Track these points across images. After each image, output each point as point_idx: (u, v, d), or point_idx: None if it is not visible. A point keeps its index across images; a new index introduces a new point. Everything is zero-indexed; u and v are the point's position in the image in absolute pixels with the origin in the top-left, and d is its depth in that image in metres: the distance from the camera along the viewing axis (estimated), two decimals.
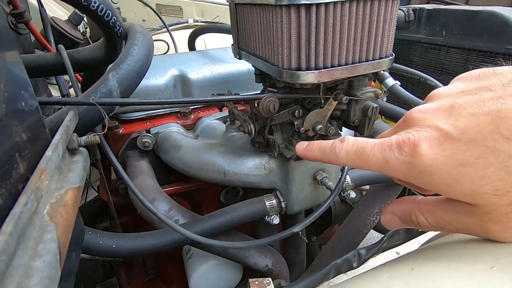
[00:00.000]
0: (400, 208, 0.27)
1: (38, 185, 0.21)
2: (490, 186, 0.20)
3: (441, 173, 0.21)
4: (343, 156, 0.27)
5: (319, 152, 0.30)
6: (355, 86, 0.45)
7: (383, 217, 0.28)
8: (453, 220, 0.23)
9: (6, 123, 0.21)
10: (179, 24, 1.59)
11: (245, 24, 0.46)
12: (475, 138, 0.20)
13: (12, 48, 0.24)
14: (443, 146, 0.21)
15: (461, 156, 0.20)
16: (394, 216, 0.27)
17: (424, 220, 0.25)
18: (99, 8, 0.42)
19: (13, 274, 0.17)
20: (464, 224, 0.23)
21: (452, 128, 0.21)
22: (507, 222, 0.21)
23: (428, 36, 0.94)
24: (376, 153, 0.24)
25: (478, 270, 0.21)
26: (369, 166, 0.25)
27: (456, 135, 0.21)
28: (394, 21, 0.39)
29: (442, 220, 0.24)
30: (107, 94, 0.38)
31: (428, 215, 0.25)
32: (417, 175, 0.22)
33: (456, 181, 0.21)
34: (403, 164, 0.23)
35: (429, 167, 0.21)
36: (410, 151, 0.22)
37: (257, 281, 0.32)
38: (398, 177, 0.25)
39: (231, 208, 0.51)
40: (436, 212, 0.24)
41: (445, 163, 0.21)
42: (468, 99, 0.22)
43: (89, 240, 0.42)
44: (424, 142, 0.22)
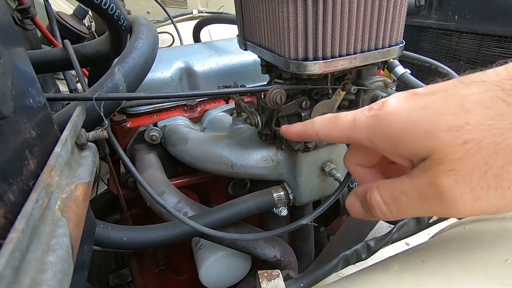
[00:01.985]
0: (362, 188, 0.26)
1: (48, 181, 0.21)
2: (444, 123, 0.19)
3: (399, 118, 0.21)
4: (318, 123, 0.27)
5: (299, 126, 0.30)
6: (364, 76, 0.44)
7: (347, 199, 0.27)
8: (406, 186, 0.22)
9: (15, 120, 0.21)
10: (184, 15, 1.57)
11: (250, 14, 0.45)
12: (439, 90, 0.21)
13: (18, 45, 0.24)
14: (409, 99, 0.22)
15: (422, 101, 0.21)
16: (356, 198, 0.26)
17: (377, 197, 0.23)
18: (103, 1, 0.41)
19: (27, 269, 0.17)
20: (418, 187, 0.21)
21: (422, 89, 0.22)
22: (459, 170, 0.19)
23: (440, 22, 0.91)
24: (348, 115, 0.25)
25: (492, 263, 0.21)
26: (338, 128, 0.25)
27: (423, 91, 0.22)
28: (405, 6, 0.37)
29: (396, 189, 0.22)
30: (114, 89, 0.38)
31: (382, 188, 0.23)
32: (377, 126, 0.22)
33: (412, 123, 0.20)
34: (368, 118, 0.23)
35: (390, 115, 0.22)
36: (378, 107, 0.23)
37: (266, 273, 0.33)
38: (361, 138, 0.24)
39: (239, 200, 0.52)
40: (392, 183, 0.23)
41: (406, 109, 0.21)
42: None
43: (100, 233, 0.43)
44: (392, 98, 0.23)
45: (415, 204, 0.21)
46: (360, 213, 0.26)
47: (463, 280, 0.20)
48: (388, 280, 0.24)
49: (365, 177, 0.28)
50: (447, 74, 0.72)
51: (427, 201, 0.21)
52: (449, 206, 0.20)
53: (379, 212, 0.23)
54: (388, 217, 0.23)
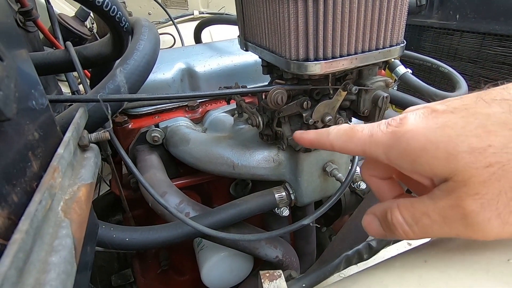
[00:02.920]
0: (381, 207, 0.25)
1: (51, 182, 0.21)
2: (466, 144, 0.19)
3: (418, 136, 0.21)
4: (333, 134, 0.26)
5: (313, 134, 0.30)
6: (365, 76, 0.44)
7: (364, 218, 0.26)
8: (429, 207, 0.21)
9: (18, 122, 0.21)
10: (185, 16, 1.58)
11: (251, 15, 0.45)
12: (459, 108, 0.20)
13: (21, 47, 0.24)
14: (428, 117, 0.21)
15: (442, 120, 0.20)
16: (375, 217, 0.25)
17: (399, 217, 0.23)
18: (105, 3, 0.41)
19: (30, 270, 0.17)
20: (441, 210, 0.20)
21: (441, 105, 0.22)
22: (485, 194, 0.18)
23: (441, 21, 0.90)
24: (364, 129, 0.24)
25: (494, 263, 0.21)
26: (354, 142, 0.24)
27: (442, 109, 0.21)
28: (406, 6, 0.37)
29: (418, 211, 0.22)
30: (115, 90, 0.38)
31: (404, 209, 0.23)
32: (395, 143, 0.22)
33: (431, 143, 0.20)
34: (386, 135, 0.22)
35: (408, 132, 0.21)
36: (396, 123, 0.22)
37: (268, 273, 0.33)
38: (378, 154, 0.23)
39: (240, 200, 0.52)
40: (413, 204, 0.22)
41: (424, 127, 0.21)
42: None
43: (103, 234, 0.43)
44: (411, 115, 0.22)
45: (438, 226, 0.21)
46: (379, 233, 0.25)
47: (466, 279, 0.20)
48: (390, 279, 0.24)
49: (382, 188, 0.28)
50: (448, 73, 0.72)
51: (451, 224, 0.20)
52: (476, 231, 0.19)
53: (402, 232, 0.23)
54: (411, 237, 0.23)
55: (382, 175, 0.27)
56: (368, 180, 0.28)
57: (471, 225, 0.19)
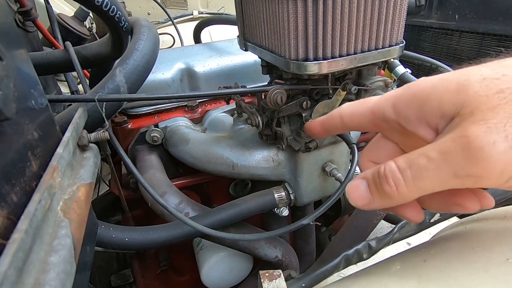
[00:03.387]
0: (373, 169, 0.22)
1: (51, 182, 0.21)
2: (478, 74, 0.18)
3: (431, 79, 0.21)
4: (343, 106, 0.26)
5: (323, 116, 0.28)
6: (364, 75, 0.44)
7: (349, 183, 0.23)
8: (427, 148, 0.19)
9: (17, 121, 0.21)
10: (184, 16, 1.58)
11: (250, 15, 0.45)
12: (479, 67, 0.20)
13: (20, 47, 0.24)
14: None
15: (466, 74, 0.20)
16: (363, 180, 0.22)
17: (392, 165, 0.20)
18: (104, 3, 0.41)
19: (30, 270, 0.17)
20: (440, 145, 0.18)
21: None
22: (492, 118, 0.17)
23: (440, 21, 0.91)
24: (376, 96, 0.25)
25: (493, 262, 0.21)
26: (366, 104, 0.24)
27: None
28: (405, 6, 0.37)
29: (414, 154, 0.19)
30: (115, 90, 0.38)
31: (400, 158, 0.20)
32: (405, 91, 0.22)
33: (443, 79, 0.20)
34: (397, 90, 0.23)
35: (420, 80, 0.21)
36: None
37: (268, 273, 0.33)
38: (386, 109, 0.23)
39: (240, 200, 0.52)
40: (411, 152, 0.20)
41: (437, 77, 0.21)
42: None
43: (102, 234, 0.43)
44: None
45: (435, 166, 0.18)
46: (363, 197, 0.22)
47: (464, 279, 0.20)
48: (390, 279, 0.24)
49: None
50: None
51: (450, 159, 0.18)
52: (478, 160, 0.16)
53: (392, 182, 0.20)
54: (402, 189, 0.19)
55: (381, 158, 0.25)
56: (366, 166, 0.26)
57: (474, 153, 0.17)
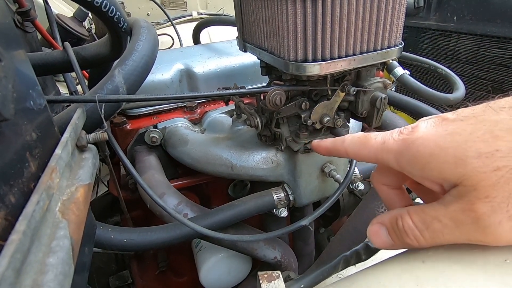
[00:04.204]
0: (389, 215, 0.25)
1: (49, 183, 0.21)
2: (473, 149, 0.19)
3: (428, 142, 0.21)
4: (348, 141, 0.27)
5: (329, 142, 0.31)
6: (363, 77, 0.45)
7: (370, 228, 0.26)
8: (440, 213, 0.21)
9: (16, 122, 0.21)
10: (183, 17, 1.58)
11: (250, 16, 0.46)
12: (468, 116, 0.21)
13: (19, 47, 0.24)
14: (438, 125, 0.22)
15: (451, 127, 0.21)
16: (382, 226, 0.26)
17: (410, 222, 0.23)
18: (103, 4, 0.41)
19: (28, 271, 0.17)
20: (452, 214, 0.21)
21: (451, 115, 0.22)
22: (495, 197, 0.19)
23: (439, 23, 0.91)
24: (377, 137, 0.25)
25: (491, 263, 0.21)
26: (367, 148, 0.25)
27: (453, 117, 0.22)
28: (403, 8, 0.38)
29: (429, 216, 0.22)
30: (114, 91, 0.38)
31: (414, 214, 0.23)
32: (405, 149, 0.22)
33: (440, 148, 0.21)
34: (397, 142, 0.23)
35: (419, 139, 0.22)
36: (407, 132, 0.23)
37: (266, 274, 0.33)
38: (389, 160, 0.24)
39: (239, 201, 0.52)
40: (424, 209, 0.23)
41: (434, 134, 0.21)
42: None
43: (100, 235, 0.43)
44: (422, 123, 0.23)
45: (449, 231, 0.21)
46: (387, 242, 0.25)
47: (463, 280, 0.20)
48: (388, 280, 0.24)
49: (391, 197, 0.28)
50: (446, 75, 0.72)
51: (462, 228, 0.21)
52: (487, 234, 0.20)
53: (413, 237, 0.23)
54: (422, 243, 0.23)
55: (392, 183, 0.28)
56: (379, 188, 0.29)
57: (483, 227, 0.20)
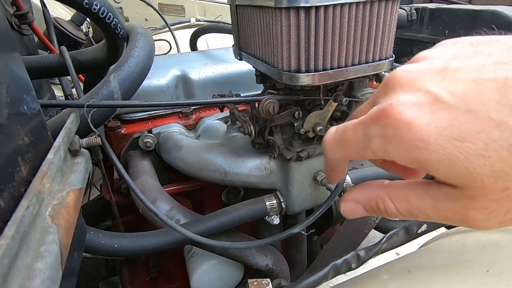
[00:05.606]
0: (364, 194, 0.23)
1: (39, 188, 0.21)
2: (488, 167, 0.16)
3: (434, 147, 0.17)
4: (328, 149, 0.24)
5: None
6: (356, 87, 0.45)
7: (344, 205, 0.25)
8: (427, 206, 0.20)
9: (8, 127, 0.21)
10: (181, 23, 1.59)
11: (245, 25, 0.46)
12: (477, 108, 0.17)
13: (14, 52, 0.24)
14: (437, 115, 0.17)
15: (459, 128, 0.17)
16: (357, 204, 0.24)
17: (392, 207, 0.21)
18: (101, 10, 0.42)
19: (15, 276, 0.17)
20: (441, 211, 0.20)
21: (448, 94, 0.17)
22: (493, 210, 0.18)
23: (431, 36, 0.93)
24: (358, 133, 0.21)
25: (474, 274, 0.22)
26: (352, 151, 0.22)
27: (453, 102, 0.17)
28: (394, 23, 0.39)
29: (414, 207, 0.20)
30: (109, 96, 0.39)
31: (398, 201, 0.21)
32: (404, 152, 0.18)
33: (450, 159, 0.17)
34: (387, 139, 0.19)
35: (419, 141, 0.17)
36: (394, 121, 0.18)
37: (256, 282, 0.33)
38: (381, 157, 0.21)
39: (231, 208, 0.52)
40: (408, 197, 0.21)
41: (440, 135, 0.17)
42: (465, 62, 0.18)
43: (91, 240, 0.43)
44: (411, 109, 0.18)
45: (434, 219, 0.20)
46: (363, 215, 0.24)
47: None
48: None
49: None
50: None
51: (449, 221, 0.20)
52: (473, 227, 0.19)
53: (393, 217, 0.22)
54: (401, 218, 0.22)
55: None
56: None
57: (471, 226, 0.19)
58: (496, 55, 0.18)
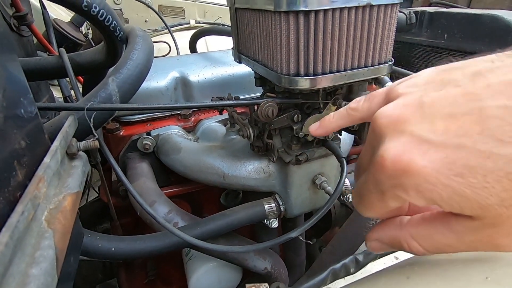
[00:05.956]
0: (387, 234, 0.24)
1: (35, 193, 0.21)
2: (495, 198, 0.17)
3: (440, 187, 0.18)
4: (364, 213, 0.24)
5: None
6: (355, 91, 0.45)
7: (370, 244, 0.25)
8: (453, 241, 0.20)
9: (4, 130, 0.21)
10: (181, 25, 1.59)
11: (245, 28, 0.46)
12: (464, 143, 0.17)
13: (11, 54, 0.24)
14: (428, 156, 0.18)
15: (455, 165, 0.17)
16: (382, 244, 0.25)
17: (418, 247, 0.22)
18: (100, 13, 0.42)
19: (10, 282, 0.17)
20: (468, 243, 0.20)
21: (430, 133, 0.18)
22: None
23: (430, 39, 0.93)
24: (371, 189, 0.21)
25: (473, 281, 0.21)
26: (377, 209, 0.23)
27: (439, 140, 0.18)
28: (394, 27, 0.39)
29: (441, 243, 0.21)
30: (107, 99, 0.38)
31: (422, 240, 0.21)
32: (416, 196, 0.19)
33: (459, 194, 0.17)
34: (397, 189, 0.19)
35: (424, 184, 0.18)
36: (392, 171, 0.19)
37: (254, 286, 0.32)
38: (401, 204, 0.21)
39: (230, 211, 0.52)
40: (432, 235, 0.21)
41: (440, 175, 0.18)
42: (435, 95, 0.19)
43: (88, 243, 0.42)
44: (402, 156, 0.19)
45: (466, 251, 0.21)
46: (390, 250, 0.25)
47: None
48: None
49: None
50: None
51: (480, 249, 0.20)
52: (506, 251, 0.20)
53: (422, 254, 0.22)
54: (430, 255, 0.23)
55: None
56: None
57: (502, 251, 0.20)
58: (463, 85, 0.19)
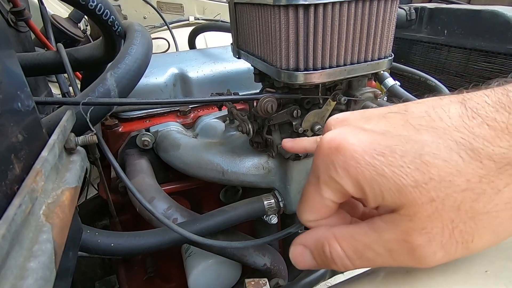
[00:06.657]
0: (313, 237, 0.24)
1: (33, 186, 0.21)
2: (409, 177, 0.18)
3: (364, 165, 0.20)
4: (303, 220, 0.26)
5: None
6: (355, 86, 0.45)
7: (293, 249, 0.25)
8: (373, 241, 0.20)
9: (1, 124, 0.21)
10: (180, 21, 1.58)
11: (244, 23, 0.46)
12: (389, 130, 0.20)
13: (8, 48, 0.24)
14: (358, 136, 0.21)
15: (378, 145, 0.20)
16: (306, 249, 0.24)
17: (338, 249, 0.22)
18: (97, 7, 0.42)
19: (7, 276, 0.17)
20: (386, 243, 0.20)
21: (365, 124, 0.22)
22: (431, 229, 0.19)
23: (430, 35, 0.93)
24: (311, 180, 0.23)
25: (473, 274, 0.21)
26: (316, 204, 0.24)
27: (369, 128, 0.21)
28: (394, 22, 0.38)
29: (360, 243, 0.21)
30: (105, 94, 0.38)
31: (343, 241, 0.22)
32: (344, 175, 0.20)
33: (380, 174, 0.19)
34: (329, 168, 0.21)
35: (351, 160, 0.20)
36: (327, 150, 0.21)
37: (253, 281, 0.32)
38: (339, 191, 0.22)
39: (229, 207, 0.51)
40: (353, 235, 0.21)
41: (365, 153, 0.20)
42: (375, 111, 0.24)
43: (87, 239, 0.42)
44: (337, 137, 0.21)
45: (383, 259, 0.21)
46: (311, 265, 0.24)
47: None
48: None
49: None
50: (435, 86, 0.74)
51: (397, 257, 0.20)
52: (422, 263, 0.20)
53: (341, 265, 0.22)
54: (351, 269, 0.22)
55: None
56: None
57: (418, 257, 0.20)
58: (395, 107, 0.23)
